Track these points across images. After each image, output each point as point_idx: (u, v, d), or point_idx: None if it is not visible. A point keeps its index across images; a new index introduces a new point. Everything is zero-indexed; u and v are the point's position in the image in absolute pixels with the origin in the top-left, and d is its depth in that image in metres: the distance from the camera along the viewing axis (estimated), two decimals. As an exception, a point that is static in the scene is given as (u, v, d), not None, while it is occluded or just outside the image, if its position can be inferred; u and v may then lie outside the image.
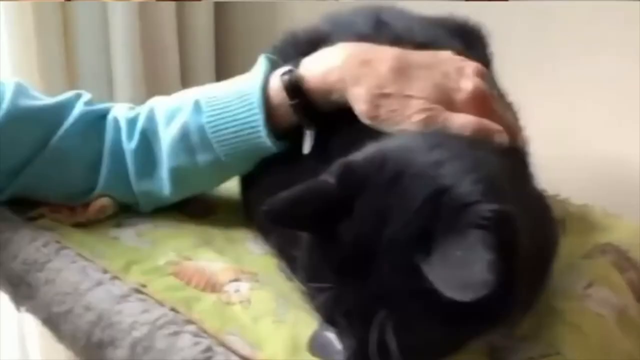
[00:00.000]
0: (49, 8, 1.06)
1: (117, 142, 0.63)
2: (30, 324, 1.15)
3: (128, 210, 0.66)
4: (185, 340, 0.48)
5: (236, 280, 0.56)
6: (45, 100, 0.64)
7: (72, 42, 1.12)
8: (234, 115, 0.58)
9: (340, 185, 0.42)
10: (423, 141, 0.45)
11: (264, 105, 0.57)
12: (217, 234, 0.64)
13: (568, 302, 0.56)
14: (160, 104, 0.63)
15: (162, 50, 1.23)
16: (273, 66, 0.60)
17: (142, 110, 0.64)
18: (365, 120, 0.53)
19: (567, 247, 0.67)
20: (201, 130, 0.59)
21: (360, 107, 0.53)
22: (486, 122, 0.51)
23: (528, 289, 0.45)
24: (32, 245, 0.60)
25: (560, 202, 0.79)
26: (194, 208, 0.68)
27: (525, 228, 0.41)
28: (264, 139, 0.58)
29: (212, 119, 0.59)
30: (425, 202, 0.39)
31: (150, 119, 0.62)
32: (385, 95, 0.52)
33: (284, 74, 0.57)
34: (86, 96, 0.66)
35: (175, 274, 0.57)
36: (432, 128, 0.49)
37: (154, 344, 0.49)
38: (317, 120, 0.57)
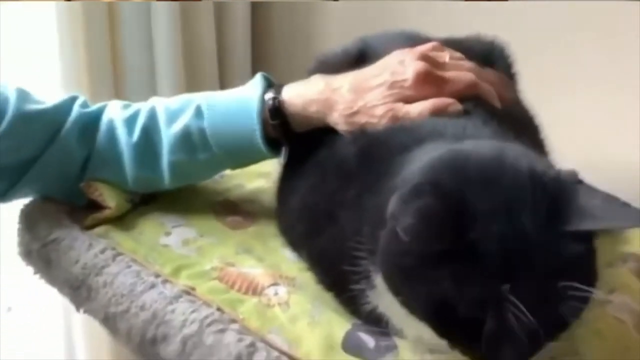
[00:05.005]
0: (97, 9, 1.13)
1: (111, 139, 0.70)
2: (76, 325, 1.21)
3: (176, 219, 0.72)
4: (231, 336, 0.53)
5: (275, 284, 0.60)
6: (46, 104, 0.71)
7: (118, 43, 1.19)
8: (233, 121, 0.66)
9: None
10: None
11: (262, 115, 0.65)
12: (256, 242, 0.69)
13: (590, 309, 0.59)
14: (160, 105, 0.71)
15: (202, 52, 1.30)
16: (268, 84, 0.68)
17: (143, 109, 0.71)
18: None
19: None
20: (202, 132, 0.67)
21: (340, 128, 0.63)
22: (438, 102, 0.59)
23: None
24: (90, 251, 0.65)
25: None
26: (234, 219, 0.73)
27: None
28: (260, 144, 0.66)
29: (212, 123, 0.67)
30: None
31: (152, 117, 0.70)
32: (355, 114, 0.61)
33: (269, 99, 0.66)
34: (81, 99, 0.73)
35: (220, 279, 0.61)
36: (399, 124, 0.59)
37: (203, 340, 0.53)
38: (292, 137, 0.67)
